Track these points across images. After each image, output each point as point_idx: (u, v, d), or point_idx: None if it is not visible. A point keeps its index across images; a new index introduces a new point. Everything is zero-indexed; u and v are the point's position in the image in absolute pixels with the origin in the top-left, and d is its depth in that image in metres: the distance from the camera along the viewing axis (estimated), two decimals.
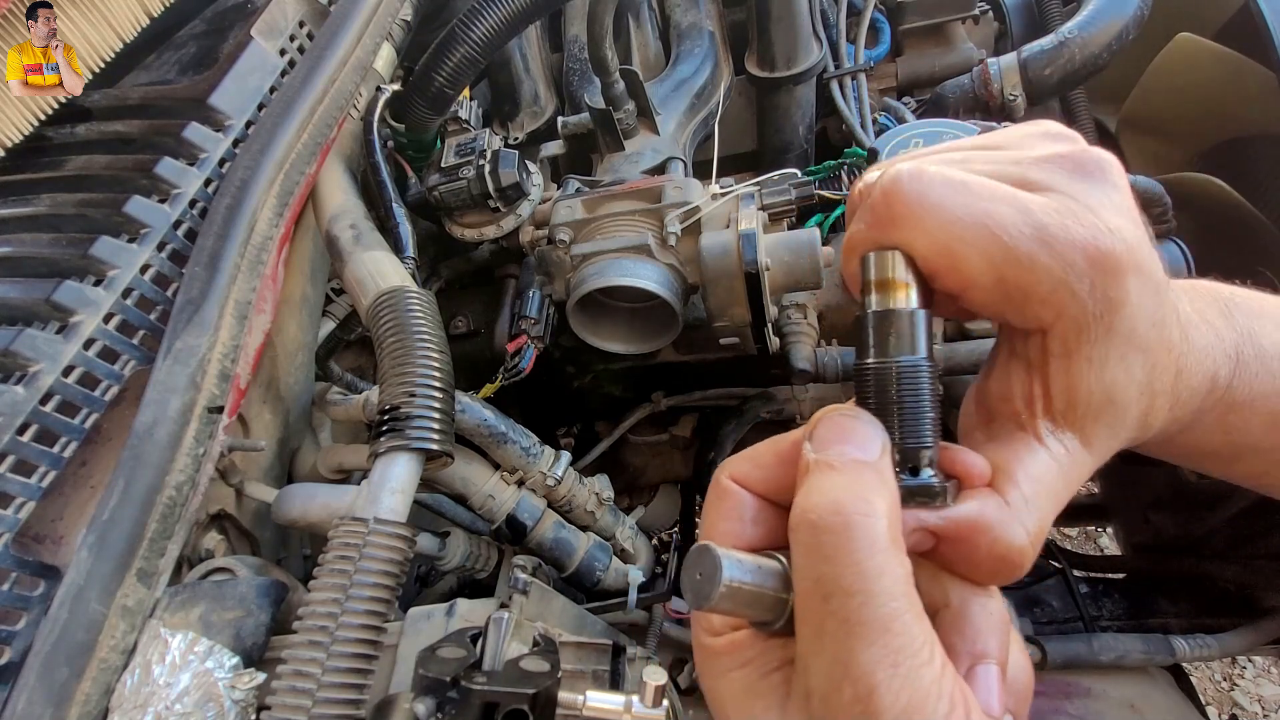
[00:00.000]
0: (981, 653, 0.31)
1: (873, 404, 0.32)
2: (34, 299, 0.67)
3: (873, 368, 0.32)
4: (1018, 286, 0.31)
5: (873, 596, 0.27)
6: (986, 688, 0.30)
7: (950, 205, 0.31)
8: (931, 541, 0.31)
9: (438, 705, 0.52)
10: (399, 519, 0.61)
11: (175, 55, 0.91)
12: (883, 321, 0.32)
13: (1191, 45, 0.96)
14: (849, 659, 0.27)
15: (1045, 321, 0.31)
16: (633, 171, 1.00)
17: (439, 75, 0.88)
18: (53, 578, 0.61)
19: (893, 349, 0.31)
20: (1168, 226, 0.86)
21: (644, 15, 1.26)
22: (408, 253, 0.83)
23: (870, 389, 0.32)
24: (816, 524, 0.29)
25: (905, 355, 0.31)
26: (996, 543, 0.31)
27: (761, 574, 0.30)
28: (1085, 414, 0.32)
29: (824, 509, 0.29)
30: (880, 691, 0.26)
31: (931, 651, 0.28)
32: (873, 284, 0.32)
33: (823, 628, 0.28)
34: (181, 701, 0.52)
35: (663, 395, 1.09)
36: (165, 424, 0.62)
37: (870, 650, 0.27)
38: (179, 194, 0.78)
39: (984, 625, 0.31)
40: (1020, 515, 0.31)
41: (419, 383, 0.66)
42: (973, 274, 0.31)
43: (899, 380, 0.31)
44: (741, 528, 0.33)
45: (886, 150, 0.81)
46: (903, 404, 0.31)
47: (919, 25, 1.24)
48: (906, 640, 0.27)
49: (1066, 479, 0.33)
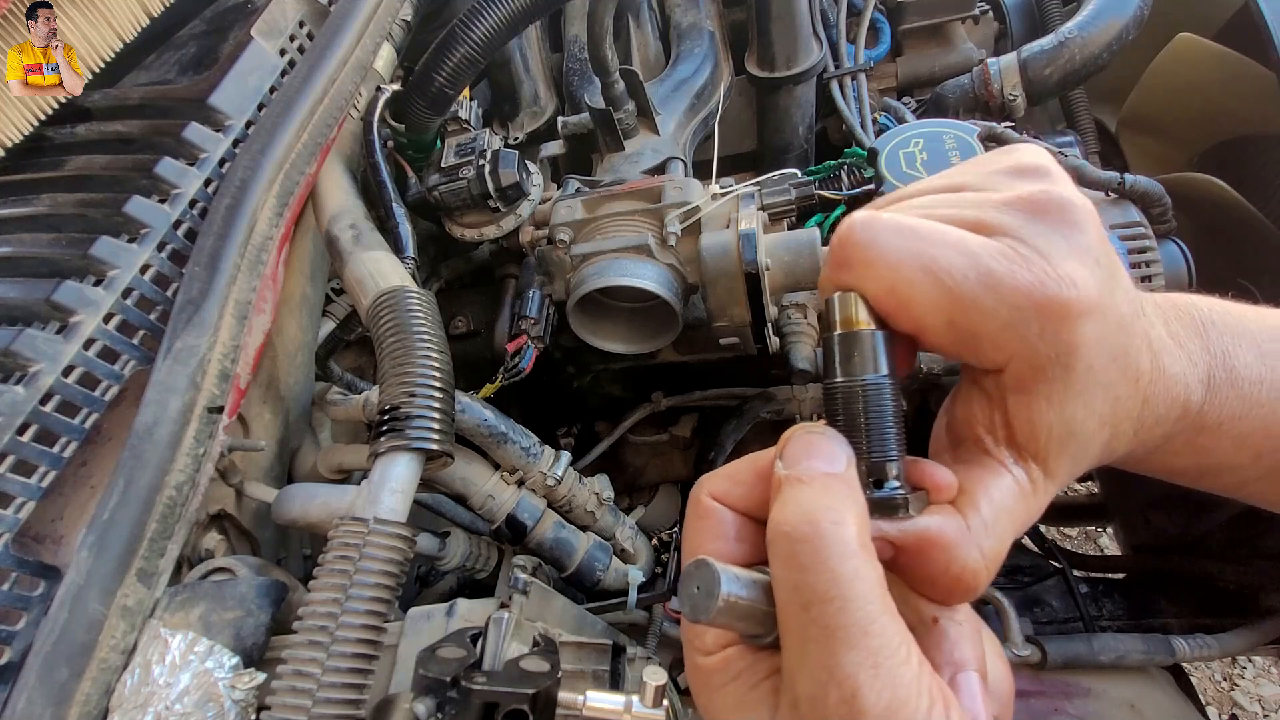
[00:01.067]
0: (960, 661, 0.32)
1: (841, 421, 0.33)
2: (34, 299, 0.67)
3: (839, 387, 0.33)
4: (966, 330, 0.32)
5: (849, 601, 0.28)
6: (970, 694, 0.31)
7: (896, 251, 0.32)
8: (890, 552, 0.32)
9: (438, 705, 0.51)
10: (399, 519, 0.61)
11: (175, 55, 0.91)
12: (846, 343, 0.33)
13: (1191, 45, 0.96)
14: (833, 664, 0.28)
15: (998, 362, 0.32)
16: (633, 171, 1.00)
17: (439, 75, 0.88)
18: (53, 578, 0.61)
19: (857, 369, 0.33)
20: (1168, 226, 0.86)
21: (644, 15, 1.26)
22: (408, 253, 0.83)
23: (838, 407, 0.33)
24: (791, 535, 0.30)
25: (869, 374, 0.33)
26: (952, 561, 0.32)
27: (756, 588, 0.31)
28: (1047, 446, 0.33)
29: (797, 520, 0.30)
30: (864, 692, 0.27)
31: (908, 651, 0.29)
32: (836, 322, 0.34)
33: (805, 635, 0.29)
34: (181, 701, 0.52)
35: (663, 395, 1.09)
36: (165, 424, 0.62)
37: (852, 654, 0.28)
38: (179, 194, 0.78)
39: (957, 635, 0.32)
40: (978, 537, 0.32)
41: (419, 383, 0.66)
42: (922, 317, 0.32)
43: (864, 398, 0.32)
44: (725, 545, 0.34)
45: (886, 150, 0.81)
46: (868, 420, 0.32)
47: (919, 25, 1.24)
48: (884, 641, 0.28)
49: (1027, 506, 0.33)
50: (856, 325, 0.33)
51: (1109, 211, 0.84)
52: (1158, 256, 0.83)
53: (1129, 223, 0.84)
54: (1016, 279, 0.31)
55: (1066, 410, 0.32)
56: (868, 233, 0.33)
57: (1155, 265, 0.83)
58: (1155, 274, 0.83)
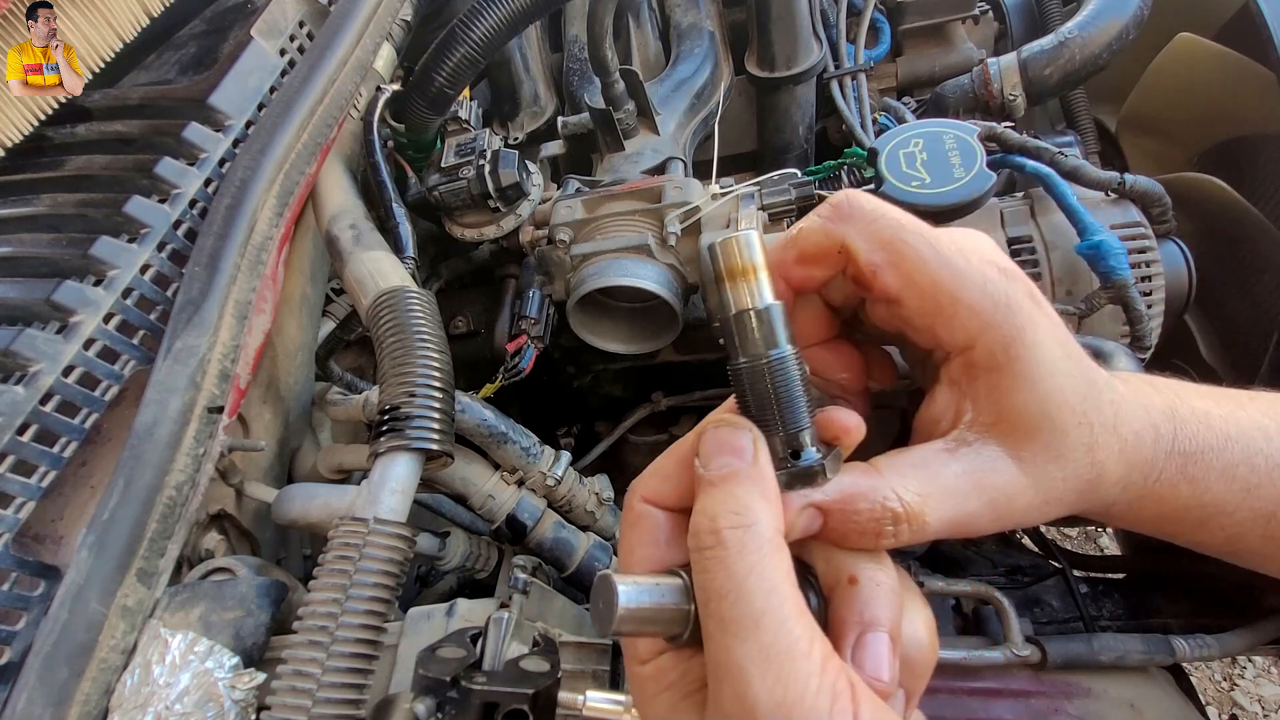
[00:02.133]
0: (870, 621, 0.32)
1: (750, 400, 0.33)
2: (34, 299, 0.67)
3: (744, 367, 0.33)
4: (947, 292, 0.33)
5: (742, 595, 0.29)
6: (875, 655, 0.31)
7: (897, 212, 0.34)
8: (821, 518, 0.33)
9: (438, 705, 0.52)
10: (399, 519, 0.61)
11: (175, 55, 0.91)
12: (742, 322, 0.33)
13: (1192, 45, 0.96)
14: (726, 658, 0.28)
15: (971, 332, 0.33)
16: (633, 171, 1.00)
17: (439, 75, 0.88)
18: (53, 578, 0.61)
19: (762, 346, 0.33)
20: (1167, 226, 0.86)
21: (644, 15, 1.26)
22: (408, 253, 0.83)
23: (745, 387, 0.33)
24: (697, 544, 0.31)
25: (772, 350, 0.32)
26: (873, 505, 0.32)
27: (659, 591, 0.31)
28: (1016, 428, 0.33)
29: (701, 526, 0.31)
30: (754, 687, 0.27)
31: (810, 645, 0.28)
32: (724, 273, 0.33)
33: (708, 633, 0.30)
34: (181, 701, 0.52)
35: (663, 395, 1.09)
36: (165, 424, 0.62)
37: (742, 647, 0.28)
38: (179, 194, 0.78)
39: (872, 595, 0.32)
40: (893, 481, 0.32)
41: (419, 383, 0.66)
42: (911, 273, 0.33)
43: (770, 374, 0.32)
44: (657, 551, 0.35)
45: (886, 150, 0.81)
46: (777, 396, 0.32)
47: (919, 25, 1.24)
48: (778, 634, 0.28)
49: (976, 480, 0.33)
50: (748, 275, 0.33)
51: (1109, 211, 0.84)
52: (1157, 257, 0.83)
53: (1129, 223, 0.83)
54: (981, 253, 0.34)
55: (1040, 389, 0.32)
56: (873, 199, 0.35)
57: (1155, 265, 0.83)
58: (1155, 274, 0.83)
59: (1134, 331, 0.80)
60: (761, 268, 0.33)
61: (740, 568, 0.29)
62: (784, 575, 0.30)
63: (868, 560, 0.33)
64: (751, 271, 0.33)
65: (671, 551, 0.35)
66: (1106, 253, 0.78)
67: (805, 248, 0.36)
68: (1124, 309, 0.80)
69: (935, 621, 0.36)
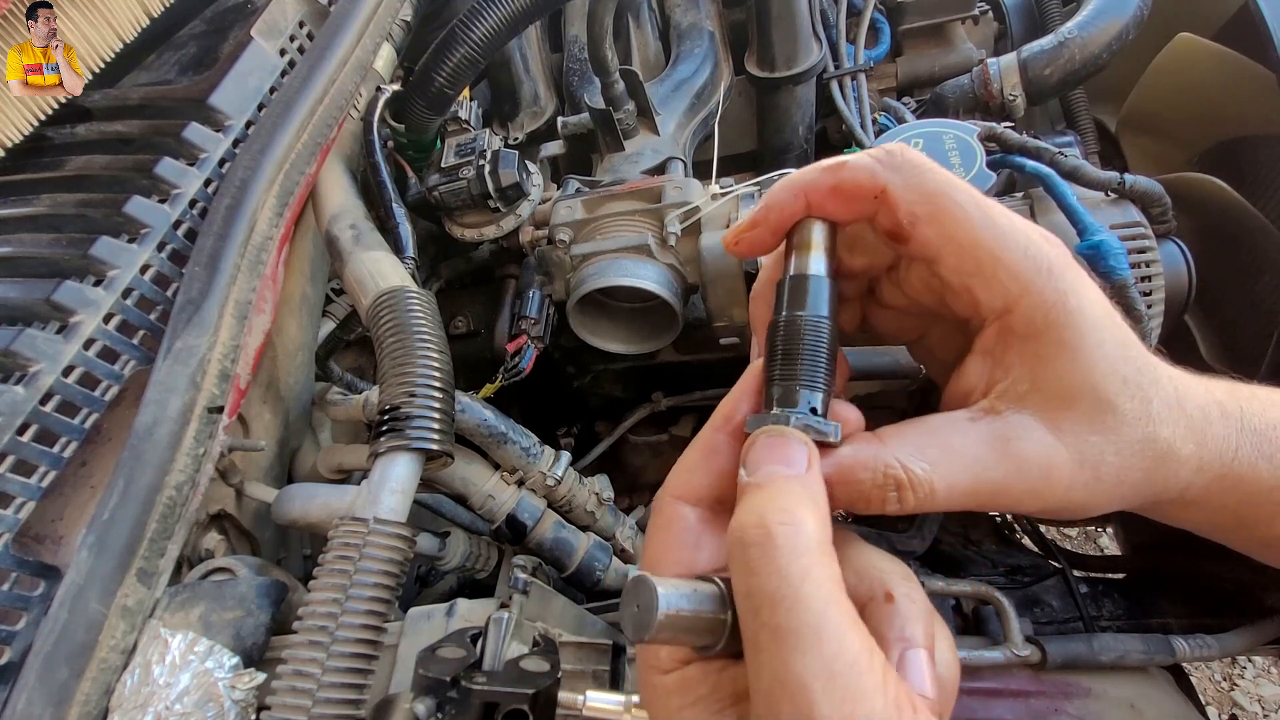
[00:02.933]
0: (910, 638, 0.31)
1: (780, 353, 0.35)
2: (34, 299, 0.67)
3: (785, 320, 0.36)
4: (989, 250, 0.32)
5: (799, 602, 0.27)
6: (918, 672, 0.30)
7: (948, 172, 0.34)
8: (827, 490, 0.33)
9: (438, 705, 0.51)
10: (399, 519, 0.61)
11: (175, 55, 0.91)
12: (796, 283, 0.36)
13: (1191, 45, 0.96)
14: (784, 672, 0.26)
15: (1011, 295, 0.32)
16: (633, 171, 1.00)
17: (439, 75, 0.88)
18: (53, 578, 0.61)
19: (808, 307, 0.35)
20: (1167, 226, 0.86)
21: (644, 15, 1.26)
22: (408, 253, 0.83)
23: (779, 340, 0.35)
24: (741, 539, 0.29)
25: (814, 312, 0.35)
26: (873, 473, 0.32)
27: (698, 598, 0.30)
28: (1053, 396, 0.32)
29: (748, 524, 0.29)
30: (819, 704, 0.25)
31: (871, 659, 0.27)
32: (792, 247, 0.37)
33: (758, 643, 0.27)
34: (181, 701, 0.52)
35: (663, 395, 1.09)
36: (165, 424, 0.62)
37: (804, 660, 0.26)
38: (179, 194, 0.78)
39: (910, 613, 0.31)
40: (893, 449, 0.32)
41: (419, 383, 0.66)
42: (953, 229, 0.32)
43: (805, 331, 0.35)
44: (688, 555, 0.34)
45: None
46: (808, 352, 0.34)
47: (919, 25, 1.24)
48: (841, 647, 0.26)
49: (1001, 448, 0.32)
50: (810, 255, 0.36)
51: (1108, 212, 0.84)
52: (1157, 256, 0.83)
53: (1128, 223, 0.83)
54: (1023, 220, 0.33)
55: (1081, 356, 0.31)
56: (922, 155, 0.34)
57: (1155, 265, 0.83)
58: (1155, 274, 0.83)
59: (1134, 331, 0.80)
60: (824, 249, 0.36)
61: (794, 571, 0.27)
62: (838, 583, 0.28)
63: (902, 577, 0.32)
64: (816, 247, 0.36)
65: (705, 556, 0.34)
66: (1106, 253, 0.78)
67: (845, 181, 0.35)
68: (1124, 309, 0.79)
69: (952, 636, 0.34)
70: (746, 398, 0.36)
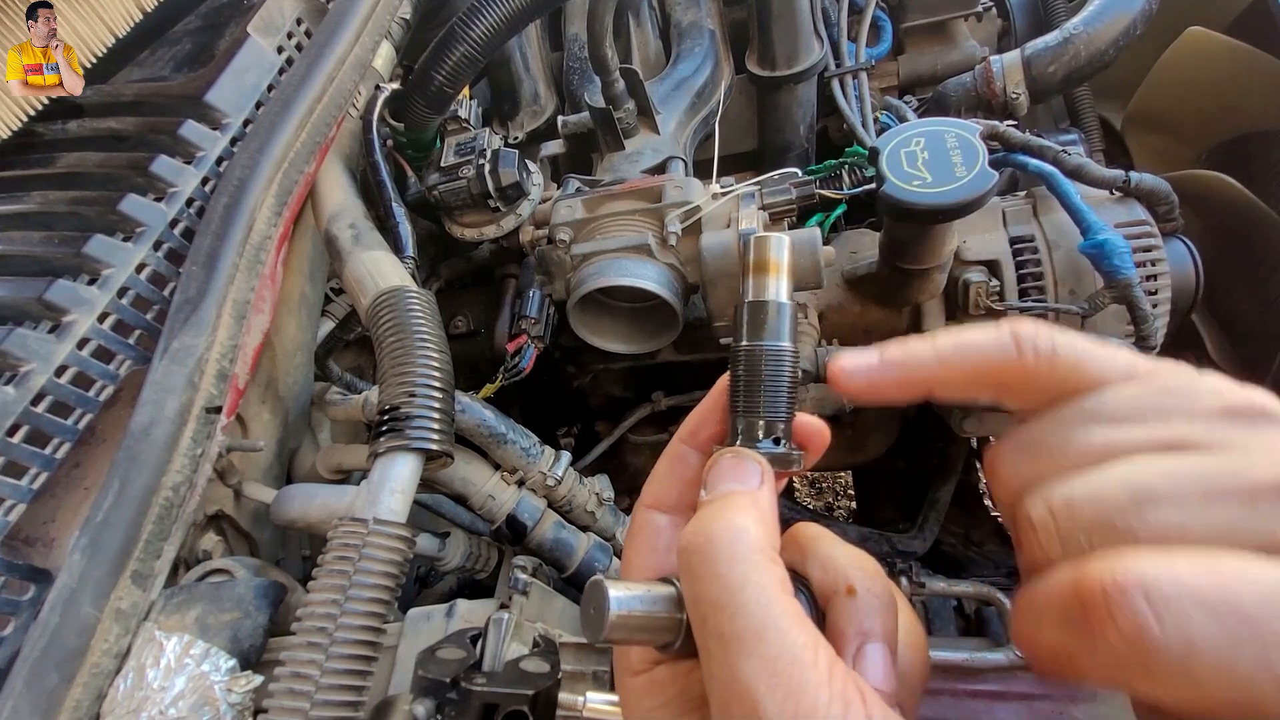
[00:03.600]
0: (868, 631, 0.31)
1: (743, 381, 0.35)
2: (25, 298, 0.67)
3: (745, 349, 0.35)
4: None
5: (741, 607, 0.27)
6: (875, 665, 0.30)
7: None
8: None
9: (437, 706, 0.51)
10: (399, 519, 0.60)
11: (170, 51, 0.90)
12: (756, 309, 0.36)
13: (1202, 39, 0.95)
14: (731, 675, 0.27)
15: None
16: (633, 171, 0.99)
17: (438, 74, 0.87)
18: (44, 581, 0.61)
19: (767, 335, 0.35)
20: (1174, 225, 0.85)
21: (644, 14, 1.25)
22: (407, 252, 0.82)
23: (741, 368, 0.35)
24: (686, 547, 0.30)
25: (775, 341, 0.35)
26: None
27: (650, 599, 0.31)
28: None
29: (691, 533, 0.31)
30: (764, 704, 0.26)
31: (815, 654, 0.27)
32: (750, 267, 0.36)
33: (706, 649, 0.28)
34: (176, 706, 0.52)
35: (663, 395, 1.09)
36: (162, 424, 0.61)
37: (748, 662, 0.27)
38: (175, 192, 0.78)
39: (869, 606, 0.31)
40: None
41: (419, 383, 0.65)
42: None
43: (767, 361, 0.35)
44: (656, 559, 0.35)
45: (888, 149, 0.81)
46: (769, 382, 0.35)
47: (921, 23, 1.23)
48: (783, 647, 0.27)
49: None
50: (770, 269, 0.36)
51: (1113, 210, 0.84)
52: (1163, 255, 0.82)
53: (1133, 221, 0.83)
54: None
55: None
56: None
57: (1161, 264, 0.82)
58: (1160, 273, 0.82)
59: (1138, 331, 0.80)
60: (786, 269, 0.36)
61: (734, 576, 0.28)
62: (780, 584, 0.29)
63: (864, 571, 0.33)
64: (777, 269, 0.36)
65: (671, 559, 0.35)
66: (1110, 252, 0.77)
67: (986, 371, 0.31)
68: (1128, 309, 0.79)
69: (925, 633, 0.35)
70: (714, 412, 0.38)
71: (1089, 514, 0.26)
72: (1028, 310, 0.85)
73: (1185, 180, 0.87)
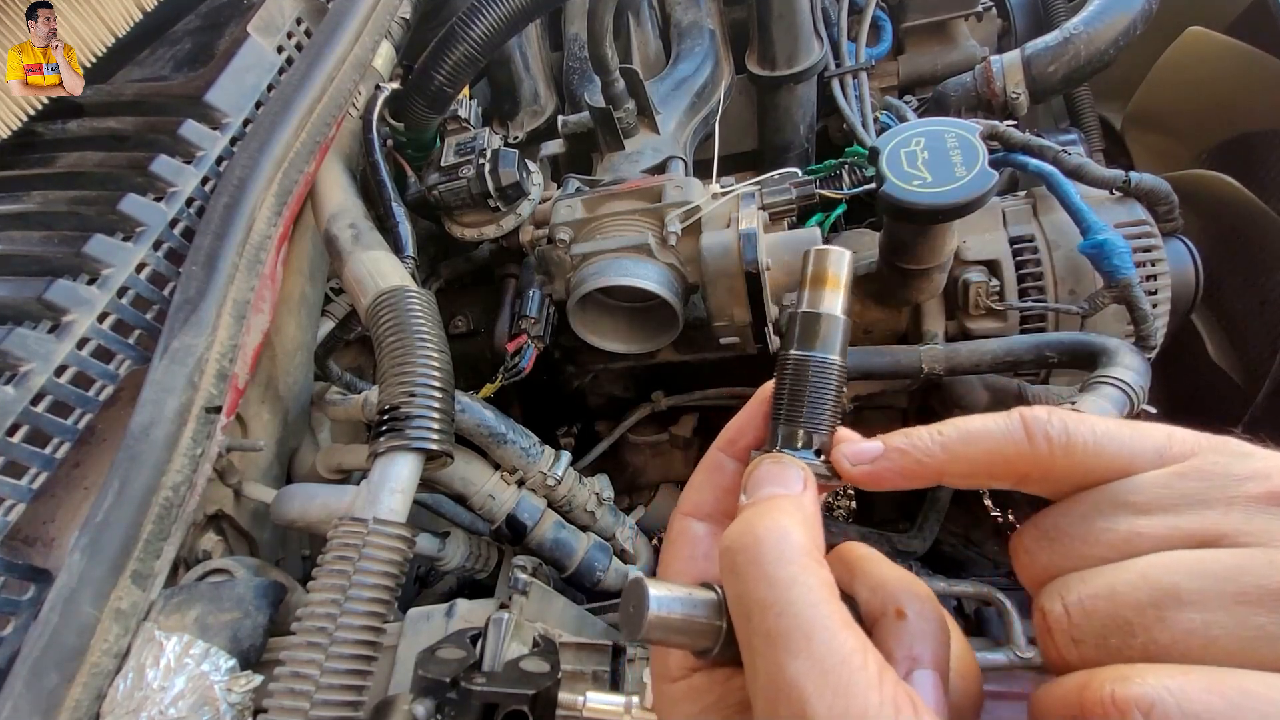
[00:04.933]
0: (917, 657, 0.30)
1: (788, 390, 0.35)
2: (25, 298, 0.66)
3: (794, 358, 0.35)
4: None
5: (788, 606, 0.27)
6: (923, 692, 0.29)
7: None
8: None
9: (437, 706, 0.51)
10: (399, 519, 0.60)
11: (170, 51, 0.90)
12: (810, 320, 0.35)
13: (1203, 39, 0.95)
14: (778, 674, 0.26)
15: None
16: (633, 170, 0.99)
17: (438, 74, 0.87)
18: (43, 581, 0.61)
19: (819, 346, 0.35)
20: (1174, 225, 0.85)
21: (644, 13, 1.25)
22: (407, 252, 0.82)
23: (788, 377, 0.35)
24: (730, 547, 0.30)
25: (825, 353, 0.35)
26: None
27: (690, 602, 0.31)
28: None
29: (735, 533, 0.30)
30: (812, 703, 0.25)
31: (865, 657, 0.26)
32: (808, 278, 0.36)
33: (752, 648, 0.28)
34: (176, 705, 0.52)
35: (663, 395, 1.09)
36: (162, 424, 0.61)
37: (796, 662, 0.26)
38: (175, 192, 0.78)
39: (920, 630, 0.30)
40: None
41: (419, 382, 0.65)
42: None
43: (814, 372, 0.35)
44: (694, 565, 0.35)
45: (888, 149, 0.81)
46: (814, 393, 0.35)
47: (921, 23, 1.24)
48: (831, 647, 0.26)
49: None
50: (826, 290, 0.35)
51: (1113, 210, 0.84)
52: (1163, 255, 0.82)
53: (1133, 221, 0.83)
54: None
55: None
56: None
57: (1160, 264, 0.82)
58: (1160, 273, 0.82)
59: (1138, 331, 0.80)
60: (845, 284, 0.36)
61: (780, 575, 0.28)
62: (827, 587, 0.28)
63: (915, 594, 0.31)
64: (835, 283, 0.36)
65: (709, 566, 0.34)
66: (1110, 252, 0.78)
67: (997, 462, 0.30)
68: (1128, 308, 0.79)
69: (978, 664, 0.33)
70: (753, 421, 0.37)
71: (1104, 614, 0.25)
72: (1028, 310, 0.85)
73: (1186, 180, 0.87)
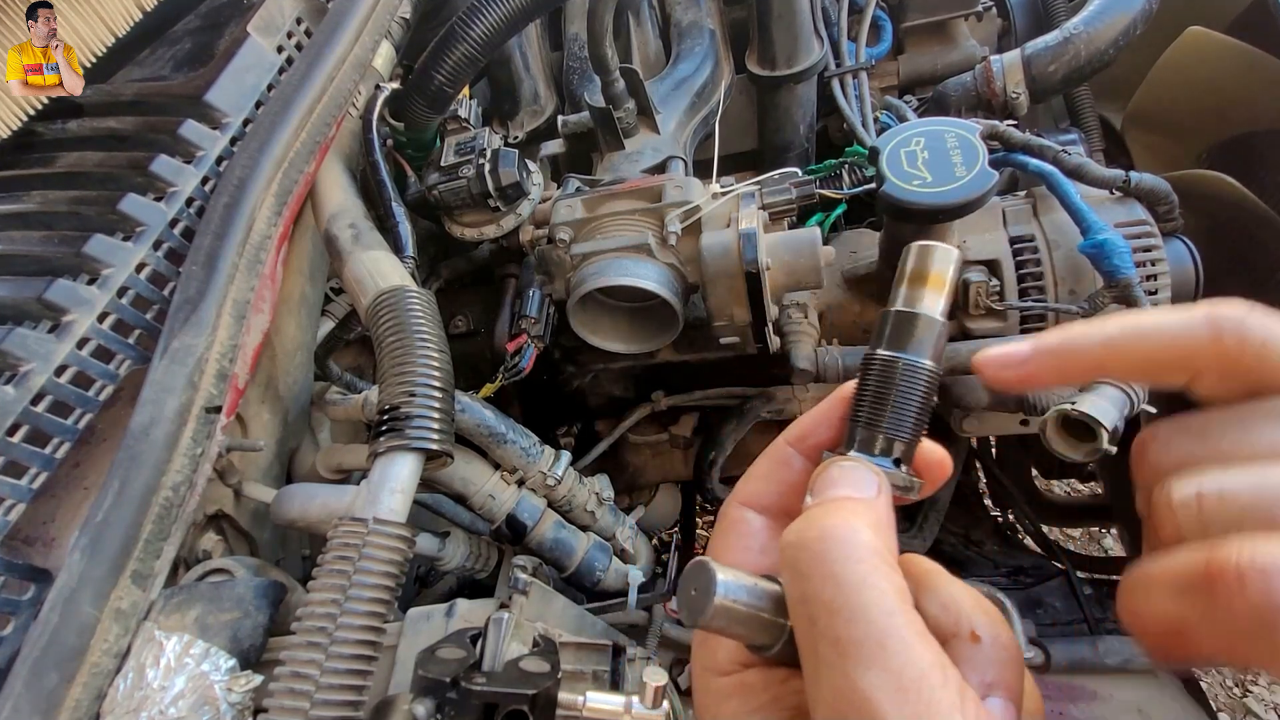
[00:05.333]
0: (991, 684, 0.28)
1: (871, 391, 0.33)
2: (25, 297, 0.66)
3: (882, 358, 0.33)
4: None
5: (859, 611, 0.25)
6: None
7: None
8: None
9: (437, 706, 0.51)
10: (399, 519, 0.60)
11: (169, 51, 0.90)
12: (905, 319, 0.33)
13: (1203, 38, 0.95)
14: (848, 686, 0.24)
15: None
16: (633, 170, 0.99)
17: (438, 73, 0.87)
18: (43, 581, 0.60)
19: (910, 349, 0.33)
20: (1174, 225, 0.85)
21: (644, 13, 1.25)
22: (407, 252, 0.82)
23: (874, 378, 0.33)
24: (795, 543, 0.28)
25: (916, 356, 0.32)
26: None
27: (757, 594, 0.29)
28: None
29: (803, 529, 0.28)
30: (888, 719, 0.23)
31: (944, 675, 0.25)
32: (908, 275, 0.33)
33: (816, 653, 0.26)
34: (176, 705, 0.52)
35: (663, 395, 1.09)
36: (162, 424, 0.61)
37: (869, 674, 0.24)
38: (175, 192, 0.77)
39: (996, 656, 0.29)
40: None
41: (419, 382, 0.65)
42: None
43: (903, 375, 0.32)
44: (749, 557, 0.33)
45: (888, 149, 0.81)
46: (900, 397, 0.32)
47: (921, 23, 1.23)
48: (908, 660, 0.24)
49: None
50: (927, 290, 0.33)
51: (1113, 210, 0.84)
52: (1163, 255, 0.82)
53: (1133, 221, 0.83)
54: None
55: None
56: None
57: (1160, 264, 0.82)
58: (1160, 273, 0.82)
59: None
60: (948, 285, 0.33)
61: (850, 577, 0.26)
62: (901, 593, 0.26)
63: (989, 616, 0.30)
64: (939, 283, 0.33)
65: (769, 563, 0.32)
66: (1110, 251, 0.77)
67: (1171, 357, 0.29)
68: (1128, 308, 0.79)
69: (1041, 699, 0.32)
70: (828, 419, 0.35)
71: (1240, 503, 0.25)
72: (1028, 310, 0.85)
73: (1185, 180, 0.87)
